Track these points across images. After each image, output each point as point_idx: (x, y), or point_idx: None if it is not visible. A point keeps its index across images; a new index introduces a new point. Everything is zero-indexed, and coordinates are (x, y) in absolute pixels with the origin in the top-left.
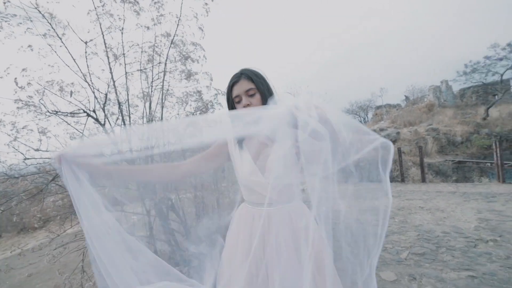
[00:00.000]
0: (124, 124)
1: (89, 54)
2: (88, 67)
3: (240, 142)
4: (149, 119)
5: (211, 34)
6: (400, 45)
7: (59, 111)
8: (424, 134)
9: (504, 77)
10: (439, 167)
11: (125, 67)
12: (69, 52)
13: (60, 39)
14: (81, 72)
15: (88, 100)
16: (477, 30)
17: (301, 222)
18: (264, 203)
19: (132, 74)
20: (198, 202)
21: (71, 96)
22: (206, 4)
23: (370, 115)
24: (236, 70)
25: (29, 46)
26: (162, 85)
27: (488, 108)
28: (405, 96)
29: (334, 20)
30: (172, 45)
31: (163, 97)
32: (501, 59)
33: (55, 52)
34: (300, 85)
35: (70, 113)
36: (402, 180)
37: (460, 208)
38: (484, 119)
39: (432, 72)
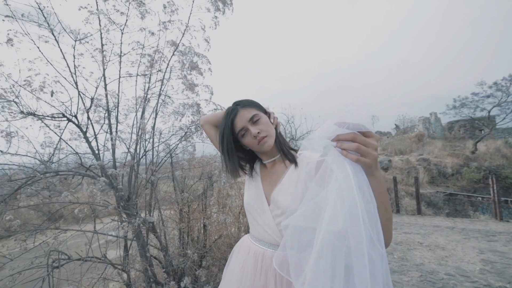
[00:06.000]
0: (111, 132)
1: (79, 53)
2: (75, 67)
3: (257, 163)
4: (140, 128)
5: (215, 48)
6: (391, 76)
7: (34, 113)
8: (415, 164)
9: (492, 113)
10: (431, 198)
11: (119, 71)
12: (59, 49)
13: (53, 34)
14: (70, 72)
15: (71, 103)
16: (464, 67)
17: None
18: (265, 241)
19: (126, 79)
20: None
21: (51, 96)
22: (216, 17)
23: None
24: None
25: (9, 40)
26: (159, 93)
27: (476, 142)
28: (395, 124)
29: (330, 48)
30: (175, 53)
31: (158, 106)
32: (488, 96)
33: (38, 47)
34: (295, 108)
35: (47, 116)
36: (397, 211)
37: (461, 246)
38: (473, 152)
39: (420, 104)
